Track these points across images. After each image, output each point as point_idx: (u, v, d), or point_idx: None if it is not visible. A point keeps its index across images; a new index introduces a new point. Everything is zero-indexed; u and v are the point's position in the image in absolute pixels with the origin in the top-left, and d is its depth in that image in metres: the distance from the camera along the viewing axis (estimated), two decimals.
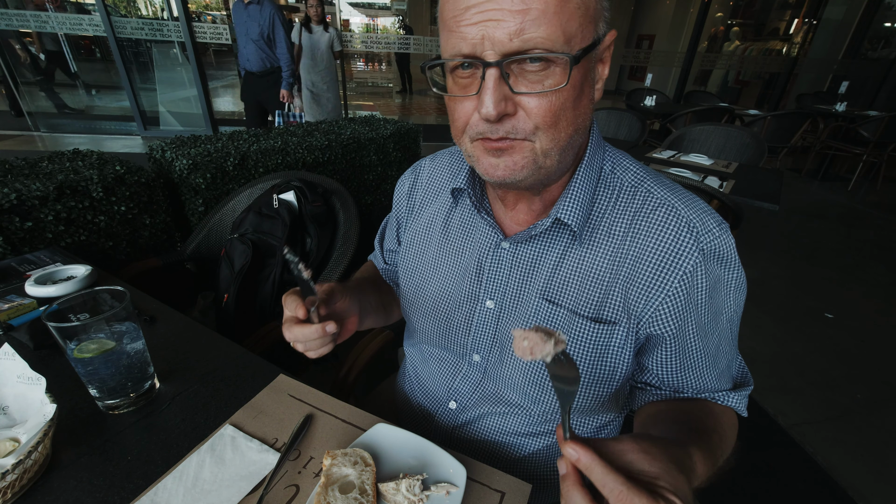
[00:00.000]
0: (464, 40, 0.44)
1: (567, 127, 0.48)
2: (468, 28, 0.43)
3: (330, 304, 0.62)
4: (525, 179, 0.52)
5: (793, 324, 2.43)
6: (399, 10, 12.63)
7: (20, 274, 1.02)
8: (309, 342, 0.57)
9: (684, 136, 2.88)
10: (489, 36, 0.43)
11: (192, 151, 1.75)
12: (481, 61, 0.44)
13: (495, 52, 0.43)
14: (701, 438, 0.51)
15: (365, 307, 0.73)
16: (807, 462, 1.61)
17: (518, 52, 0.43)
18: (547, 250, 0.61)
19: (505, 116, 0.47)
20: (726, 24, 9.54)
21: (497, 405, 0.70)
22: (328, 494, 0.52)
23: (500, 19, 0.42)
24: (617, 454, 0.38)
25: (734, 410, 0.63)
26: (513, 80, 0.45)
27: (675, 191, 0.58)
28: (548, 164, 0.51)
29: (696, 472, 0.44)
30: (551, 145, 0.49)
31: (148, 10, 6.70)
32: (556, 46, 0.43)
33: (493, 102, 0.45)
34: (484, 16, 0.42)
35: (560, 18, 0.42)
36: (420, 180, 0.78)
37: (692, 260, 0.53)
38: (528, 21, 0.41)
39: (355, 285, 0.75)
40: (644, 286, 0.56)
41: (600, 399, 0.63)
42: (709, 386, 0.62)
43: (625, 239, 0.57)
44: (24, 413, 0.63)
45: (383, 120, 2.60)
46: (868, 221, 4.01)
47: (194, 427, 0.67)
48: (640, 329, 0.58)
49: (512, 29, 0.42)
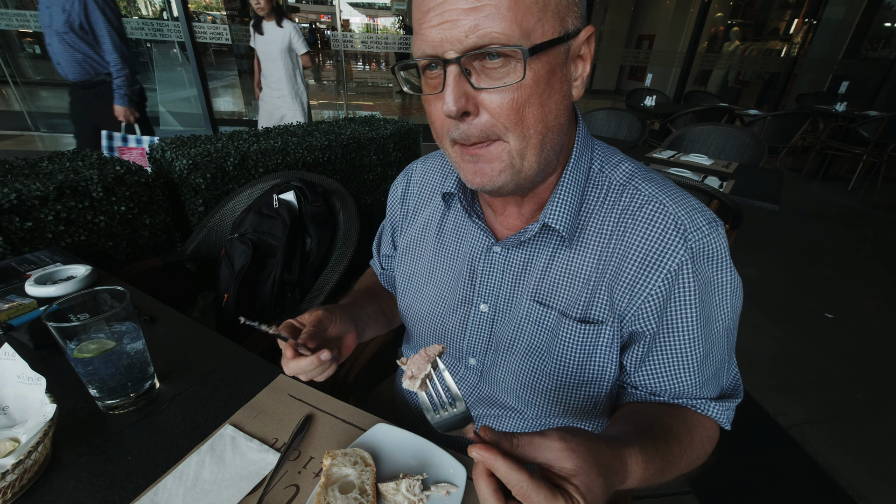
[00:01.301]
0: (426, 42, 0.45)
1: (536, 124, 0.48)
2: (429, 31, 0.45)
3: (321, 333, 0.62)
4: (505, 185, 0.52)
5: (793, 324, 2.43)
6: (399, 10, 12.64)
7: (20, 274, 1.02)
8: (309, 372, 0.58)
9: (684, 136, 2.88)
10: (447, 38, 0.44)
11: (192, 151, 1.75)
12: (442, 59, 0.45)
13: (454, 50, 0.44)
14: (654, 443, 0.50)
15: (362, 321, 0.74)
16: (807, 462, 1.61)
17: (475, 47, 0.44)
18: (537, 253, 0.61)
19: (468, 115, 0.47)
20: (726, 24, 9.54)
21: (493, 408, 0.70)
22: (328, 494, 0.52)
23: (455, 19, 0.43)
24: (541, 448, 0.39)
25: (715, 422, 0.60)
26: (475, 77, 0.46)
27: (664, 187, 0.57)
28: (525, 166, 0.51)
29: (627, 475, 0.44)
30: (523, 144, 0.49)
31: (148, 10, 6.71)
32: (511, 40, 0.43)
33: (454, 98, 0.45)
34: (442, 17, 0.43)
35: (515, 13, 0.42)
36: (412, 185, 0.78)
37: (678, 257, 0.53)
38: (482, 17, 0.42)
39: (350, 302, 0.76)
40: (628, 284, 0.55)
41: (592, 401, 0.63)
42: (688, 392, 0.59)
43: (612, 237, 0.56)
44: (24, 413, 0.63)
45: (383, 120, 2.60)
46: (868, 221, 4.01)
47: (194, 427, 0.67)
48: (623, 327, 0.57)
49: (467, 27, 0.43)
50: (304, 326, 0.61)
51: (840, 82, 5.75)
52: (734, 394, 0.63)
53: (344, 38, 5.38)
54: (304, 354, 0.57)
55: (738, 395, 0.63)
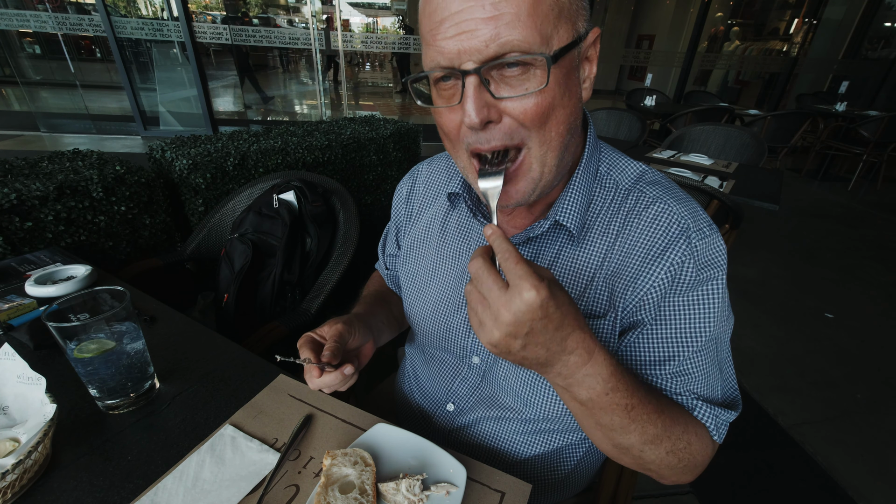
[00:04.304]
0: (441, 54, 0.45)
1: (557, 126, 0.48)
2: (445, 42, 0.44)
3: (342, 347, 0.62)
4: (527, 201, 0.53)
5: (793, 324, 2.43)
6: (399, 10, 12.63)
7: (20, 274, 1.02)
8: (333, 385, 0.60)
9: (684, 136, 2.88)
10: (465, 49, 0.43)
11: (192, 151, 1.75)
12: (460, 71, 0.44)
13: (473, 61, 0.44)
14: (633, 378, 0.48)
15: (378, 328, 0.75)
16: (807, 462, 1.61)
17: (495, 56, 0.43)
18: (543, 250, 0.62)
19: (490, 123, 0.47)
20: (726, 24, 9.54)
21: (493, 409, 0.70)
22: (328, 494, 0.52)
23: (473, 29, 0.42)
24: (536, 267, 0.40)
25: (707, 432, 0.55)
26: (494, 86, 0.46)
27: (669, 190, 0.58)
28: (546, 172, 0.51)
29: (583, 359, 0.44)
30: (544, 149, 0.49)
31: (148, 10, 6.70)
32: (532, 48, 0.43)
33: (476, 109, 0.45)
34: (458, 28, 0.43)
35: (534, 20, 0.42)
36: (417, 185, 0.79)
37: (681, 252, 0.53)
38: (501, 26, 0.42)
39: (365, 311, 0.77)
40: (630, 277, 0.56)
41: None
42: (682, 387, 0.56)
43: (617, 237, 0.58)
44: (24, 413, 0.63)
45: (383, 120, 2.60)
46: (868, 221, 4.01)
47: (194, 427, 0.67)
48: (623, 318, 0.57)
49: (487, 36, 0.42)
50: (325, 339, 0.62)
51: (840, 82, 5.76)
52: (729, 405, 0.59)
53: (344, 38, 5.38)
54: (328, 371, 0.58)
55: (733, 408, 0.58)
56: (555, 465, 0.72)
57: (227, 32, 5.07)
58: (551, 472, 0.72)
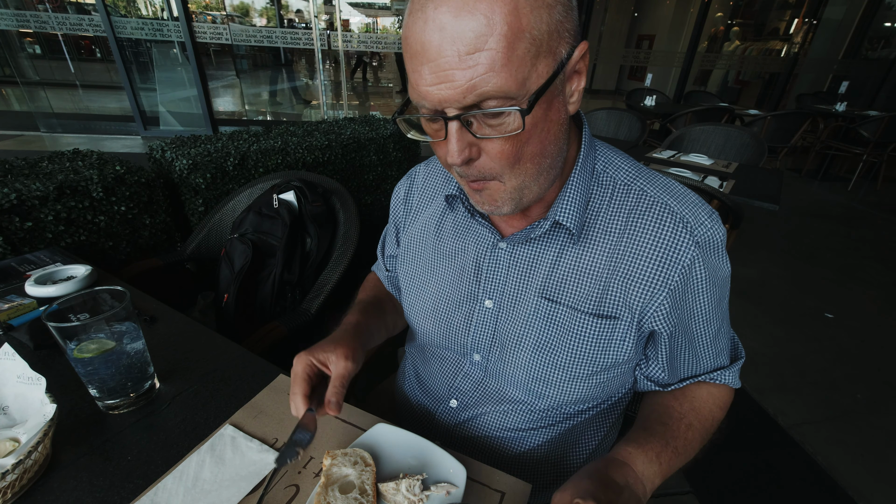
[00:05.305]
0: (424, 98, 0.46)
1: (533, 159, 0.50)
2: (426, 88, 0.45)
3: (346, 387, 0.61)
4: (512, 211, 0.55)
5: (793, 324, 2.43)
6: (399, 10, 12.64)
7: (20, 274, 1.02)
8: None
9: (684, 136, 2.88)
10: (445, 97, 0.44)
11: (192, 151, 1.75)
12: (443, 115, 0.46)
13: (454, 108, 0.45)
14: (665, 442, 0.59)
15: (372, 341, 0.76)
16: (807, 462, 1.61)
17: (473, 105, 0.44)
18: (544, 249, 0.62)
19: (471, 160, 0.49)
20: (726, 24, 9.53)
21: (498, 403, 0.71)
22: (328, 494, 0.52)
23: (451, 79, 0.43)
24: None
25: (728, 386, 0.69)
26: (476, 126, 0.47)
27: (666, 188, 0.59)
28: (526, 194, 0.54)
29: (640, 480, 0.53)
30: (520, 180, 0.51)
31: (148, 10, 6.70)
32: (510, 94, 0.43)
33: (457, 151, 0.47)
34: (436, 77, 0.43)
35: (509, 68, 0.42)
36: (416, 185, 0.80)
37: (689, 253, 0.56)
38: (476, 76, 0.42)
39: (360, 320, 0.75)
40: (646, 283, 0.57)
41: (603, 385, 0.66)
42: (707, 366, 0.67)
43: (622, 237, 0.58)
44: (24, 413, 0.63)
45: (383, 120, 2.60)
46: (868, 221, 4.01)
47: (194, 427, 0.67)
48: (643, 323, 0.60)
49: (464, 87, 0.43)
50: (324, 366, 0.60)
51: (840, 82, 5.75)
52: (737, 355, 0.71)
53: (344, 37, 5.38)
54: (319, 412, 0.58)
55: (740, 356, 0.70)
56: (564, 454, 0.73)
57: (227, 32, 5.06)
58: (553, 463, 0.73)
